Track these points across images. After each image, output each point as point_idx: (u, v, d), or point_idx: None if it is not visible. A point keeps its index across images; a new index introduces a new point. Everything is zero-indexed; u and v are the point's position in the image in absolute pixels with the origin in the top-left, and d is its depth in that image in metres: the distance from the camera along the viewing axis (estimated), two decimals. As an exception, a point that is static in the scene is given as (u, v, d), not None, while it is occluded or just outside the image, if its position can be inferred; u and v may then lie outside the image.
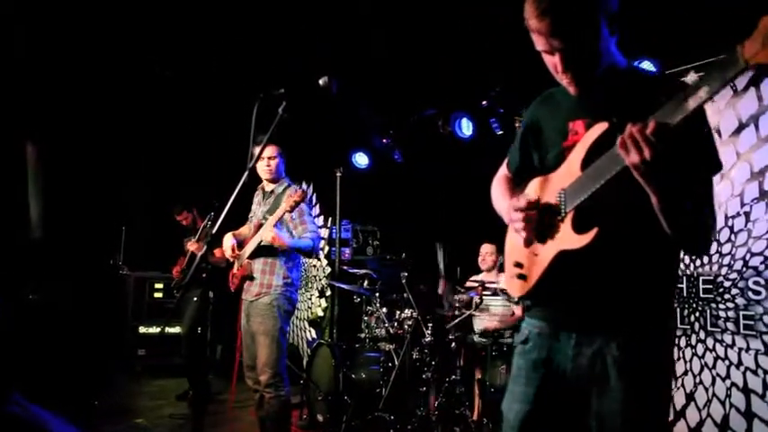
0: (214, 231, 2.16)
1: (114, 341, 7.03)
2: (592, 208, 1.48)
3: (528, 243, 1.65)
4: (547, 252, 1.59)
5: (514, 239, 1.73)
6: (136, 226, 7.64)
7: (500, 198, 1.91)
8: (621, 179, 1.38)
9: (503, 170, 2.01)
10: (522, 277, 1.69)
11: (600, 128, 1.50)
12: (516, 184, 1.92)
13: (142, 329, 7.06)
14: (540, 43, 1.57)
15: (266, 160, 3.76)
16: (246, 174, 2.18)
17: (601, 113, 1.52)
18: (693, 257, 3.71)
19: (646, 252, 1.53)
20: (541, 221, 1.61)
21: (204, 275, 5.50)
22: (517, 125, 5.09)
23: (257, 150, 3.51)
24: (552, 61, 1.59)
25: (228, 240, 3.81)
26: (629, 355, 1.50)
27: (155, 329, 7.14)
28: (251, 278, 3.70)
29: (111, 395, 5.80)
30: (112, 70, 5.96)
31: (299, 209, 3.66)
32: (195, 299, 5.63)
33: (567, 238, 1.52)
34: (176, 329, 7.11)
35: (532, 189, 1.73)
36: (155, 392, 6.04)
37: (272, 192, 3.85)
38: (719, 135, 3.62)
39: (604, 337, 1.53)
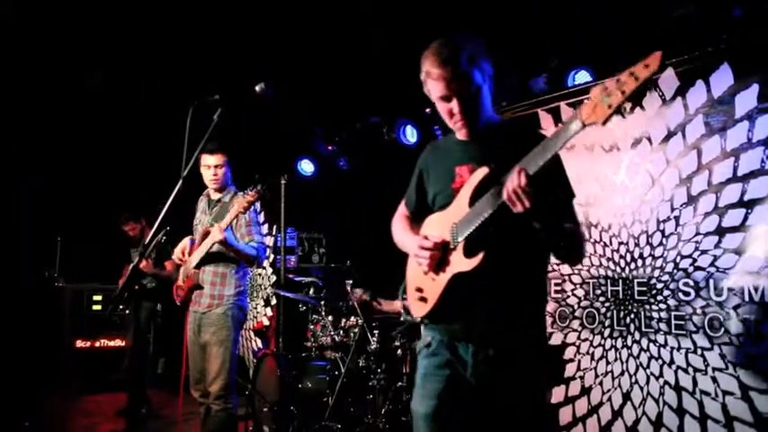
0: (147, 242, 2.09)
1: (48, 356, 6.71)
2: (478, 237, 1.79)
3: (428, 271, 1.93)
4: (444, 276, 1.89)
5: (415, 268, 2.02)
6: (73, 236, 7.34)
7: (403, 234, 2.20)
8: (499, 215, 1.71)
9: (402, 209, 2.31)
10: (422, 300, 1.99)
11: (482, 172, 1.83)
12: (414, 221, 2.21)
13: (79, 343, 6.77)
14: (438, 90, 1.84)
15: (213, 169, 3.68)
16: (181, 182, 2.13)
17: (482, 160, 1.86)
18: (628, 261, 3.84)
19: (522, 270, 1.88)
20: (440, 253, 1.90)
21: (137, 287, 5.31)
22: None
23: (202, 158, 3.44)
24: (447, 107, 1.87)
25: (184, 241, 3.71)
26: (515, 353, 1.85)
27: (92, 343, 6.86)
28: (199, 287, 3.61)
29: (44, 414, 5.54)
30: (48, 75, 5.75)
31: (245, 217, 3.62)
32: (128, 312, 5.46)
33: (460, 263, 1.83)
34: (116, 343, 6.88)
35: (430, 225, 2.03)
36: (91, 409, 5.80)
37: (218, 200, 3.78)
38: (650, 143, 3.76)
39: (495, 343, 1.84)
